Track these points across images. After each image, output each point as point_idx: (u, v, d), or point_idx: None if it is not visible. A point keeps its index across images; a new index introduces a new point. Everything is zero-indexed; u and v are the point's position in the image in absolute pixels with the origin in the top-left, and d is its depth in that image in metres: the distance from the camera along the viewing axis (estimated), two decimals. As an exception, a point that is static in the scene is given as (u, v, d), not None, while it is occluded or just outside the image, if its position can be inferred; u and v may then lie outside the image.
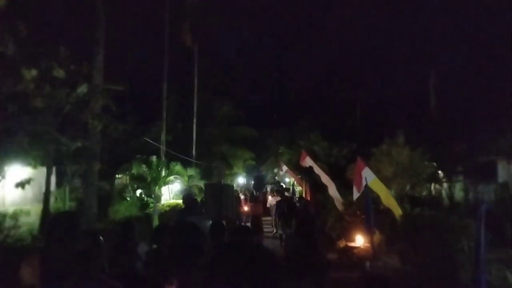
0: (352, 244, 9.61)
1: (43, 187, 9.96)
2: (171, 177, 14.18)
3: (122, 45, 20.87)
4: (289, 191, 18.94)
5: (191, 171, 16.47)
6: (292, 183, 24.11)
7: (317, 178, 12.61)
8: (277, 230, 12.68)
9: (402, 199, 10.11)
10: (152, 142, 15.83)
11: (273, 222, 15.42)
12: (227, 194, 12.22)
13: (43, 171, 10.04)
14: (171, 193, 16.44)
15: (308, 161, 12.46)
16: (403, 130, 11.72)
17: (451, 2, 18.22)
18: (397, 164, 10.13)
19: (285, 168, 17.79)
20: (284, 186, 23.58)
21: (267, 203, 17.73)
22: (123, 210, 11.93)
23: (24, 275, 2.63)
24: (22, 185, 8.74)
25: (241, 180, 30.76)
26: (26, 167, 9.58)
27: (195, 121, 21.13)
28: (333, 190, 11.32)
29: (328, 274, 3.87)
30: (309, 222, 4.02)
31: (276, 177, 32.27)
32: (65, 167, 9.07)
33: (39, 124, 7.04)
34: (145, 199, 13.56)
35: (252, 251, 0.96)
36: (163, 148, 15.58)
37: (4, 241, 7.63)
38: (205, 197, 12.40)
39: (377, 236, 8.81)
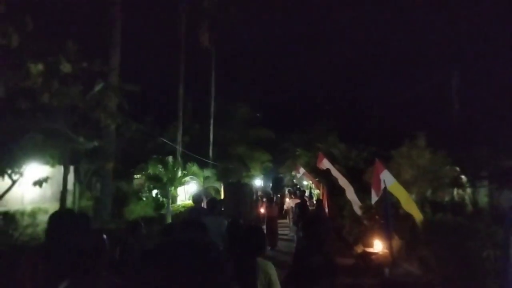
0: (370, 249, 9.29)
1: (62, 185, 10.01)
2: (187, 178, 14.11)
3: (140, 45, 21.08)
4: (305, 194, 18.68)
5: (207, 172, 16.41)
6: (309, 186, 23.81)
7: (334, 181, 12.32)
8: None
9: (423, 204, 9.72)
10: (168, 142, 15.85)
11: (290, 224, 15.26)
12: (245, 193, 12.11)
13: (61, 170, 10.10)
14: (186, 194, 16.40)
15: (325, 163, 12.19)
16: (424, 132, 11.31)
17: (475, 1, 17.65)
18: (417, 167, 9.75)
19: (302, 170, 17.50)
20: (301, 188, 23.32)
21: (284, 205, 17.54)
22: (138, 210, 11.91)
23: (25, 273, 2.63)
24: (39, 183, 8.76)
25: (258, 182, 30.58)
26: (44, 166, 9.65)
27: (212, 122, 21.10)
28: (350, 193, 11.04)
29: (335, 278, 3.63)
30: (316, 223, 3.79)
31: (294, 180, 32.02)
32: (80, 166, 9.06)
33: (52, 122, 7.01)
34: (161, 199, 13.52)
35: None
36: (179, 148, 15.58)
37: (18, 239, 7.65)
38: (224, 196, 12.33)
39: (397, 241, 8.48)
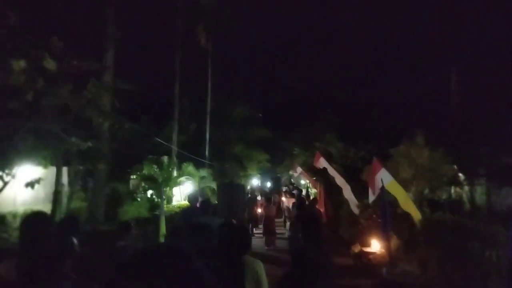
0: (367, 249, 9.16)
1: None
2: (182, 178, 13.94)
3: (137, 45, 20.93)
4: (301, 193, 18.60)
5: (203, 172, 16.25)
6: (307, 185, 23.69)
7: (331, 180, 12.20)
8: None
9: (421, 202, 9.60)
10: (164, 142, 15.69)
11: (284, 223, 15.17)
12: (239, 193, 12.00)
13: (54, 171, 9.94)
14: (182, 195, 16.23)
15: (322, 162, 12.07)
16: (423, 130, 11.18)
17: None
18: (416, 165, 9.62)
19: (299, 169, 17.38)
20: (298, 188, 23.21)
21: (281, 204, 17.42)
22: (132, 211, 11.74)
23: (4, 274, 2.69)
24: (32, 185, 8.61)
25: (256, 181, 30.46)
26: (37, 167, 9.50)
27: (208, 121, 20.95)
28: (348, 192, 10.92)
29: (333, 279, 3.56)
30: (316, 223, 3.73)
31: (291, 179, 31.95)
32: (73, 167, 8.89)
33: (42, 122, 6.83)
34: (156, 200, 13.35)
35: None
36: (174, 148, 15.43)
37: (9, 241, 7.50)
38: (218, 196, 12.21)
39: (395, 241, 8.35)
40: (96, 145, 8.79)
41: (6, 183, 7.73)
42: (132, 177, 15.60)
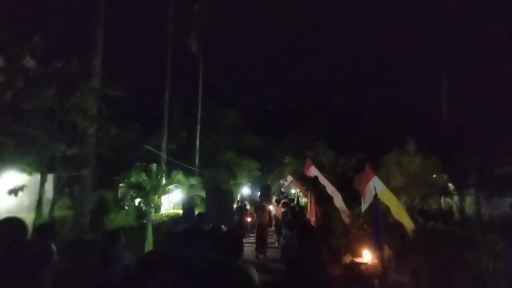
0: (359, 259, 8.98)
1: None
2: (171, 186, 13.68)
3: (127, 51, 20.74)
4: (293, 202, 18.40)
5: (193, 180, 16.01)
6: (297, 194, 23.54)
7: (322, 189, 12.05)
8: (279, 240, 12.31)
9: (411, 212, 9.49)
10: (153, 150, 15.45)
11: (274, 232, 14.96)
12: (227, 199, 11.83)
13: (39, 178, 9.66)
14: (171, 203, 15.96)
15: (313, 171, 11.91)
16: (413, 139, 11.14)
17: (465, 9, 17.77)
18: (408, 173, 9.53)
19: (290, 178, 17.21)
20: (288, 197, 23.05)
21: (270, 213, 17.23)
22: (119, 219, 11.46)
23: None
24: (15, 192, 8.35)
25: (246, 190, 30.21)
26: (21, 174, 9.21)
27: (198, 129, 20.76)
28: (339, 201, 10.76)
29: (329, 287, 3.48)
30: (312, 231, 3.65)
31: (282, 188, 31.77)
32: (57, 173, 8.63)
33: (24, 125, 6.59)
34: (144, 208, 13.07)
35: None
36: (163, 156, 15.22)
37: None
38: (206, 202, 12.01)
39: (386, 251, 8.19)
40: (80, 151, 8.55)
41: (-12, 191, 7.45)
42: (121, 185, 15.31)
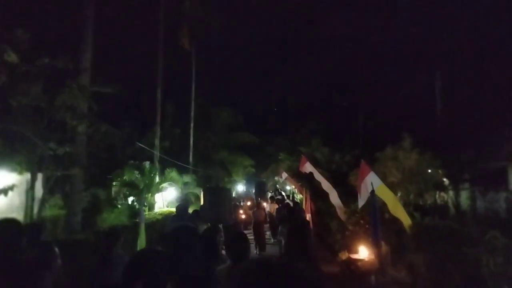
0: (355, 256, 8.90)
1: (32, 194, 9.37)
2: (165, 184, 13.50)
3: (119, 49, 20.44)
4: (289, 198, 18.35)
5: (187, 178, 15.83)
6: (292, 191, 23.47)
7: (318, 185, 11.96)
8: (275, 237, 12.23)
9: (408, 207, 9.42)
10: (146, 147, 15.26)
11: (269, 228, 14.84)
12: (224, 197, 11.78)
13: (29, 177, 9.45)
14: (165, 201, 15.79)
15: (308, 167, 11.83)
16: (408, 134, 11.06)
17: (458, 3, 17.72)
18: (404, 169, 9.44)
19: (285, 175, 17.14)
20: (283, 194, 22.98)
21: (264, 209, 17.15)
22: (112, 218, 11.27)
23: None
24: (5, 192, 8.13)
25: (241, 187, 30.10)
26: (11, 173, 9.00)
27: (192, 126, 20.56)
28: (334, 197, 10.69)
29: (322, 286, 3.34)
30: (300, 228, 3.50)
31: (277, 185, 31.71)
32: (46, 172, 8.43)
33: (11, 123, 6.39)
34: (137, 207, 12.89)
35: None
36: (156, 154, 15.03)
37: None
38: (203, 200, 11.92)
39: (383, 247, 8.12)
40: (71, 149, 8.35)
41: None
42: (114, 183, 15.11)
